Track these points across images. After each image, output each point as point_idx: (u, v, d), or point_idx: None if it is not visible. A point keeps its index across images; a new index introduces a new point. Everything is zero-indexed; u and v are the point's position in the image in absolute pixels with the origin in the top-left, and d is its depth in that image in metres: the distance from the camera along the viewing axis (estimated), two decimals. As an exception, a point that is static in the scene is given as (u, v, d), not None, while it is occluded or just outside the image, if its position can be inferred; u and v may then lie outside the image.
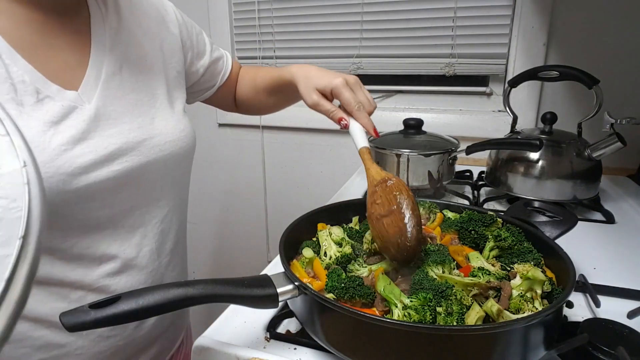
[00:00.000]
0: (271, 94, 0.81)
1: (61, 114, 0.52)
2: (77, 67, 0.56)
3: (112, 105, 0.58)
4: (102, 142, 0.55)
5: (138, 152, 0.58)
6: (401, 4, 1.29)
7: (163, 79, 0.67)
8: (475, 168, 1.18)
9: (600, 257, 0.72)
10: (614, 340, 0.45)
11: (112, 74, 0.59)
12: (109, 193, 0.56)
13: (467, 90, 1.32)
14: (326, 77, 0.64)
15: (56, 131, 0.51)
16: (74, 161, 0.51)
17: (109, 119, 0.57)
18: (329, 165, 1.53)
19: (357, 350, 0.45)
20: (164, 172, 0.63)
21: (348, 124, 0.62)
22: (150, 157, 0.60)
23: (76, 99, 0.54)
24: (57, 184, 0.50)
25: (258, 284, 0.47)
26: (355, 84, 0.64)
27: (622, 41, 1.11)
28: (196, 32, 0.77)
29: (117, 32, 0.61)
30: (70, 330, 0.38)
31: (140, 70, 0.63)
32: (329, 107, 0.63)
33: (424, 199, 0.70)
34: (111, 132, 0.56)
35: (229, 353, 0.50)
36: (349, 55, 1.39)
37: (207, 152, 1.69)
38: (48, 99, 0.52)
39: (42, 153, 0.49)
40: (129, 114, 0.60)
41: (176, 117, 0.67)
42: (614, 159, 1.05)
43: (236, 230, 1.77)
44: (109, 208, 0.57)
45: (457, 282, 0.48)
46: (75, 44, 0.57)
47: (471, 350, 0.41)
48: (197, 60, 0.77)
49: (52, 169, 0.49)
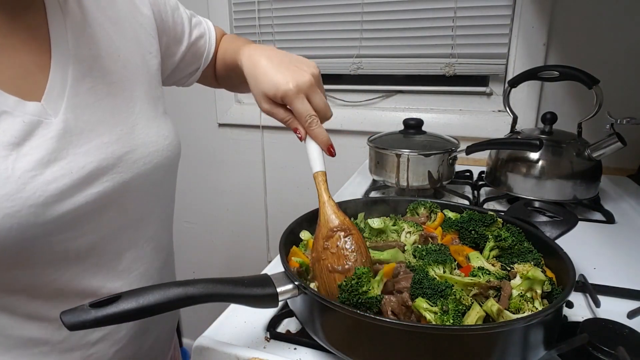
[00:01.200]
0: (232, 77, 0.71)
1: (23, 133, 0.43)
2: (38, 72, 0.46)
3: (84, 114, 0.49)
4: (76, 161, 0.46)
5: (119, 169, 0.50)
6: (401, 4, 1.29)
7: (142, 75, 0.58)
8: (475, 168, 1.18)
9: (600, 257, 0.72)
10: (614, 340, 0.45)
11: (80, 77, 0.49)
12: (89, 219, 0.48)
13: (467, 90, 1.33)
14: (274, 79, 0.53)
15: (19, 154, 0.42)
16: (45, 189, 0.43)
17: (82, 132, 0.48)
18: (329, 165, 1.52)
19: (357, 350, 0.45)
20: (149, 188, 0.56)
21: (303, 137, 0.55)
22: (133, 173, 0.52)
23: (40, 112, 0.45)
24: (27, 218, 0.42)
25: (258, 283, 0.47)
26: (310, 87, 0.53)
27: (622, 41, 1.11)
28: (171, 9, 0.65)
29: (82, 26, 0.51)
30: (70, 329, 0.38)
31: (113, 68, 0.54)
32: (283, 116, 0.55)
33: (424, 199, 0.70)
34: (86, 148, 0.48)
35: (229, 353, 0.50)
36: (349, 55, 1.39)
37: (207, 152, 1.69)
38: (5, 116, 0.42)
39: (6, 184, 0.41)
40: (106, 124, 0.51)
41: (158, 121, 0.58)
42: (614, 159, 1.05)
43: (236, 230, 1.77)
44: (90, 235, 0.49)
45: (457, 281, 0.48)
46: (32, 44, 0.47)
47: (471, 350, 0.41)
48: (174, 45, 0.66)
49: (19, 201, 0.41)
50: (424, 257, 0.53)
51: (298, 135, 0.55)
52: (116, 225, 0.53)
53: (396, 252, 0.56)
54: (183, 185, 1.88)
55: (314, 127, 0.54)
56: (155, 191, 0.58)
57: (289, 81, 0.52)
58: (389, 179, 0.98)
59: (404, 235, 0.62)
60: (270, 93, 0.54)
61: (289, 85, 0.52)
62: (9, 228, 0.42)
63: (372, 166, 1.04)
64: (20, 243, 0.43)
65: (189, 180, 1.75)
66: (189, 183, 1.76)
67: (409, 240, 0.61)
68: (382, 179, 1.00)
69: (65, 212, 0.45)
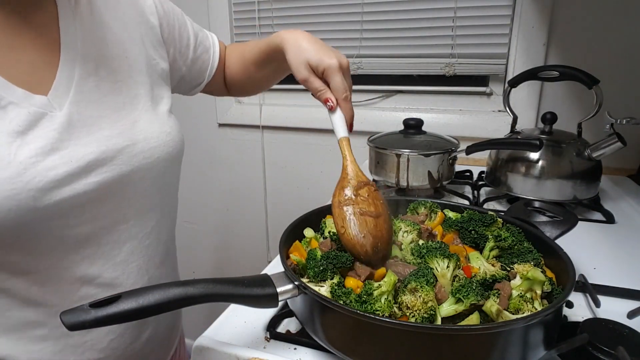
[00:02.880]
0: (261, 67, 0.73)
1: (28, 123, 0.46)
2: (46, 69, 0.50)
3: (88, 110, 0.52)
4: (77, 151, 0.49)
5: (119, 161, 0.53)
6: (401, 4, 1.29)
7: (146, 76, 0.60)
8: (475, 168, 1.18)
9: (600, 257, 0.72)
10: (614, 340, 0.45)
11: (86, 75, 0.52)
12: (88, 208, 0.51)
13: (467, 90, 1.32)
14: (320, 52, 0.58)
15: (23, 142, 0.45)
16: (45, 174, 0.46)
17: (84, 126, 0.51)
18: (329, 165, 1.53)
19: (357, 350, 0.45)
20: (150, 181, 0.58)
21: (334, 107, 0.59)
22: (134, 166, 0.54)
23: (45, 105, 0.48)
24: (27, 201, 0.45)
25: (258, 283, 0.47)
26: (347, 68, 0.60)
27: (623, 41, 1.11)
28: (179, 25, 0.69)
29: (91, 27, 0.55)
30: (70, 329, 0.38)
31: (119, 69, 0.57)
32: (318, 85, 0.59)
33: (424, 199, 0.70)
34: (87, 140, 0.50)
35: (229, 353, 0.50)
36: (349, 55, 1.39)
37: (207, 152, 1.69)
38: (12, 106, 0.45)
39: (7, 167, 0.44)
40: (108, 119, 0.53)
41: (161, 118, 0.60)
42: (614, 159, 1.05)
43: (236, 230, 1.77)
44: (89, 224, 0.51)
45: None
46: (41, 42, 0.50)
47: (471, 350, 0.41)
48: (180, 57, 0.70)
49: (19, 184, 0.44)
50: (423, 254, 0.53)
51: (329, 105, 0.58)
52: (116, 216, 0.54)
53: (393, 249, 0.56)
54: (183, 185, 1.87)
55: (347, 102, 0.59)
56: (157, 185, 0.59)
57: (333, 57, 0.57)
58: (389, 179, 0.98)
59: (400, 234, 0.62)
60: (313, 62, 0.58)
61: (333, 60, 0.57)
62: (8, 210, 0.44)
63: (372, 166, 1.04)
64: (19, 227, 0.46)
65: (189, 180, 1.75)
66: (189, 183, 1.76)
67: (406, 239, 0.61)
68: (382, 179, 1.00)
69: (63, 198, 0.47)
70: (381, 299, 0.46)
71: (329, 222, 0.62)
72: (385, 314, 0.45)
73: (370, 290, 0.46)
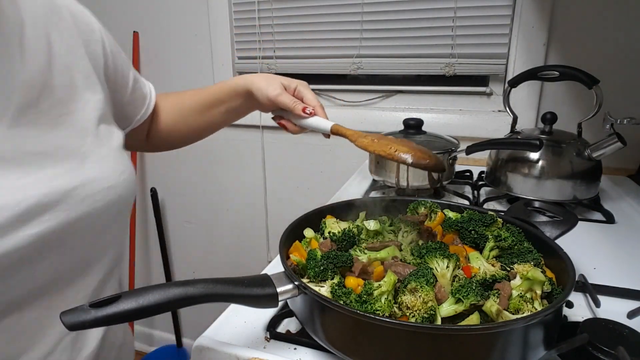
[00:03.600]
0: (208, 110, 0.72)
1: None
2: None
3: (26, 146, 0.43)
4: (12, 196, 0.40)
5: (65, 206, 0.44)
6: (401, 4, 1.29)
7: (97, 105, 0.52)
8: (475, 168, 1.18)
9: (600, 257, 0.72)
10: (614, 340, 0.45)
11: (25, 106, 0.44)
12: (23, 266, 0.41)
13: (467, 90, 1.32)
14: (288, 78, 0.68)
15: None
16: None
17: (21, 166, 0.42)
18: (329, 165, 1.53)
19: (357, 350, 0.45)
20: (99, 229, 0.49)
21: (314, 113, 0.66)
22: (81, 211, 0.45)
23: None
24: None
25: (258, 283, 0.47)
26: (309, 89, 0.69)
27: (622, 41, 1.11)
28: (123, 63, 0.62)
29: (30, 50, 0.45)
30: (70, 329, 0.38)
31: (66, 98, 0.48)
32: (290, 100, 0.66)
33: (424, 199, 0.70)
34: (25, 181, 0.41)
35: (229, 353, 0.50)
36: (349, 55, 1.39)
37: (207, 152, 1.69)
38: None
39: None
40: (52, 157, 0.45)
41: (113, 155, 0.52)
42: (614, 159, 1.05)
43: (236, 230, 1.77)
44: (20, 286, 0.42)
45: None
46: None
47: (471, 350, 0.41)
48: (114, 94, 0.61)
49: None
50: (423, 254, 0.53)
51: (309, 111, 0.66)
52: (53, 275, 0.45)
53: (393, 250, 0.56)
54: (183, 185, 1.89)
55: (322, 109, 0.68)
56: (105, 234, 0.51)
57: (299, 80, 0.69)
58: (389, 179, 0.98)
59: (400, 234, 0.62)
60: (285, 82, 0.68)
61: (301, 81, 0.69)
62: None
63: (372, 166, 1.04)
64: None
65: (189, 180, 1.75)
66: (189, 183, 1.76)
67: (406, 239, 0.61)
68: (382, 179, 1.00)
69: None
70: (381, 299, 0.46)
71: (329, 222, 0.62)
72: (385, 314, 0.45)
73: (371, 290, 0.47)
